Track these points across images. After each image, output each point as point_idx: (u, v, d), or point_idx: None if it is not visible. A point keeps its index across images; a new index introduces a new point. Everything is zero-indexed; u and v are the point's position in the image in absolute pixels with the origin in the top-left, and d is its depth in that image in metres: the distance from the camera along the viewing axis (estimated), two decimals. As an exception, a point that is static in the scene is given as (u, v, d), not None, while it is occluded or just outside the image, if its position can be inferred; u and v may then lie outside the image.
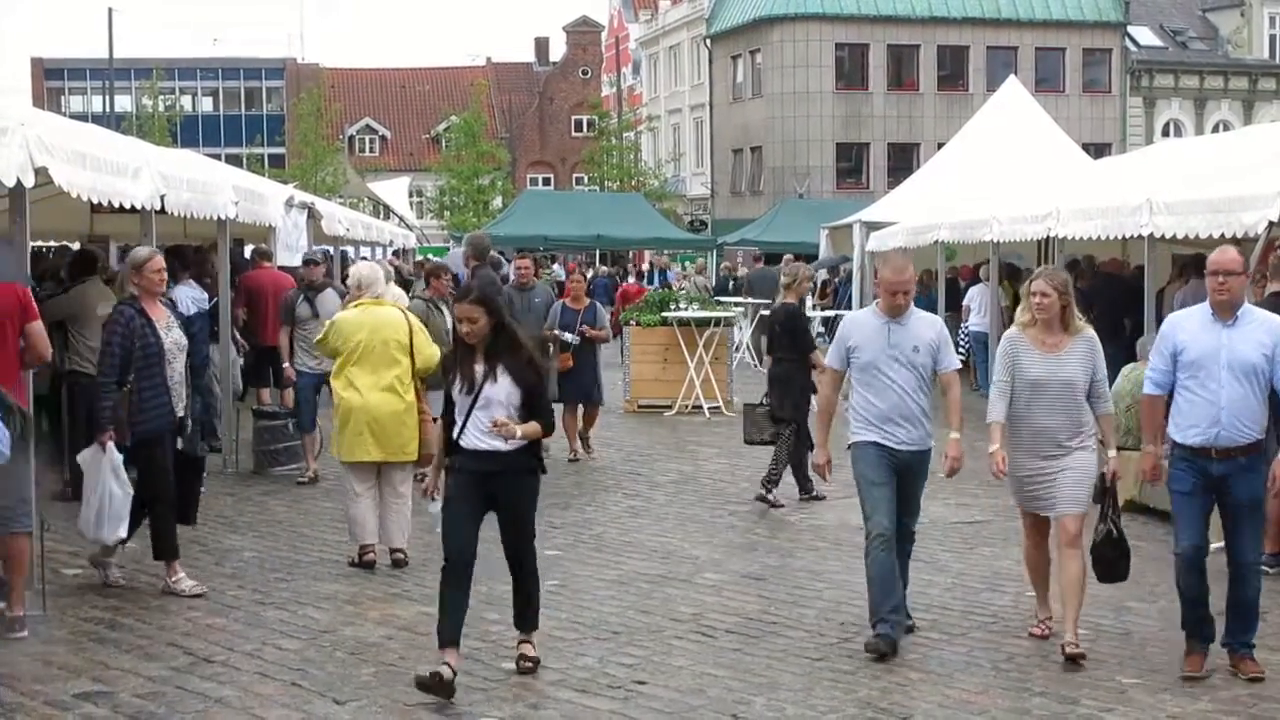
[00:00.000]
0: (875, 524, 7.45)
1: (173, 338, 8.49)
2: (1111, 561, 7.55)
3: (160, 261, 8.62)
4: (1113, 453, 7.45)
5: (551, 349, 13.46)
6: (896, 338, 7.53)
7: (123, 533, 8.34)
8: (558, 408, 12.82)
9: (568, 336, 13.72)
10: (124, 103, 59.73)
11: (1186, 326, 7.10)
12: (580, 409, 14.24)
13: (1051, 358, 7.42)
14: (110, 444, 8.12)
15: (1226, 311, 6.97)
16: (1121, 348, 13.62)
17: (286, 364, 12.54)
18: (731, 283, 32.03)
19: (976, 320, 20.12)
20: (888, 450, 7.50)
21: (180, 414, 8.51)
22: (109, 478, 8.12)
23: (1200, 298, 7.48)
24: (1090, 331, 7.48)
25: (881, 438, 7.50)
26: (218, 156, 24.60)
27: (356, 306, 9.45)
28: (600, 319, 14.37)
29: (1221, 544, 7.27)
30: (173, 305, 8.93)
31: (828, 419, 7.89)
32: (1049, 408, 7.41)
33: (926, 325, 7.62)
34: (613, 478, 13.16)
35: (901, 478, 7.55)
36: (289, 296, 12.88)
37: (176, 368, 8.48)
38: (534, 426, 6.80)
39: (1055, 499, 7.47)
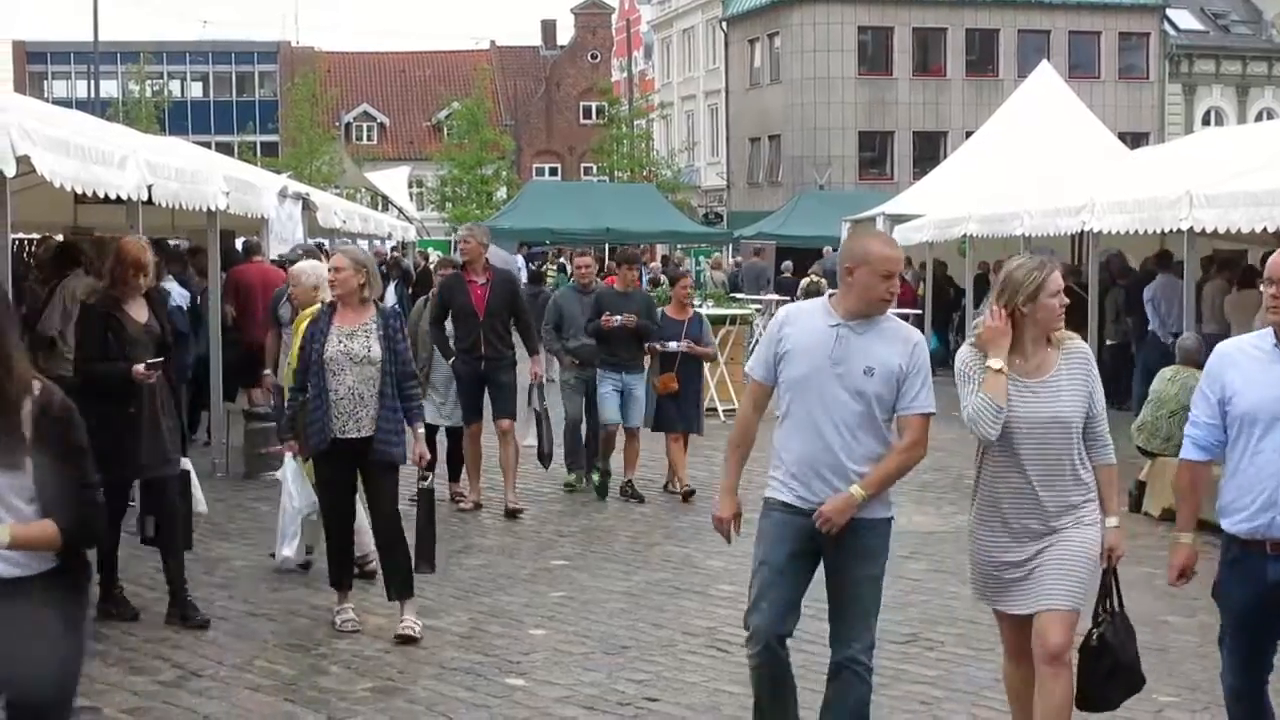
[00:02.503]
0: (753, 624, 5.62)
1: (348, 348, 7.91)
2: (1099, 678, 5.65)
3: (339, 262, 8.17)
4: (1114, 521, 5.53)
5: (649, 364, 12.46)
6: (845, 349, 5.49)
7: (287, 551, 8.73)
8: (654, 435, 12.59)
9: (673, 346, 12.28)
10: (110, 88, 59.89)
11: (1239, 361, 5.32)
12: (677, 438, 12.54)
13: (1031, 388, 5.44)
14: (287, 456, 8.72)
15: None
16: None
17: (268, 370, 11.49)
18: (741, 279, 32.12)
19: (1006, 318, 20.08)
20: (800, 516, 5.56)
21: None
22: (284, 492, 8.74)
23: (1171, 295, 6.85)
24: (1080, 342, 5.62)
25: (795, 497, 5.59)
26: (208, 145, 24.69)
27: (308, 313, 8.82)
28: (707, 334, 12.91)
29: None
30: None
31: (740, 454, 5.78)
32: (1032, 461, 5.42)
33: (896, 341, 5.54)
34: (622, 483, 13.15)
35: (827, 564, 5.64)
36: (275, 295, 12.38)
37: (344, 380, 7.85)
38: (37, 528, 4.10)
39: (1034, 593, 5.49)
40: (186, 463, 8.39)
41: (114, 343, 7.94)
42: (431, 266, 33.69)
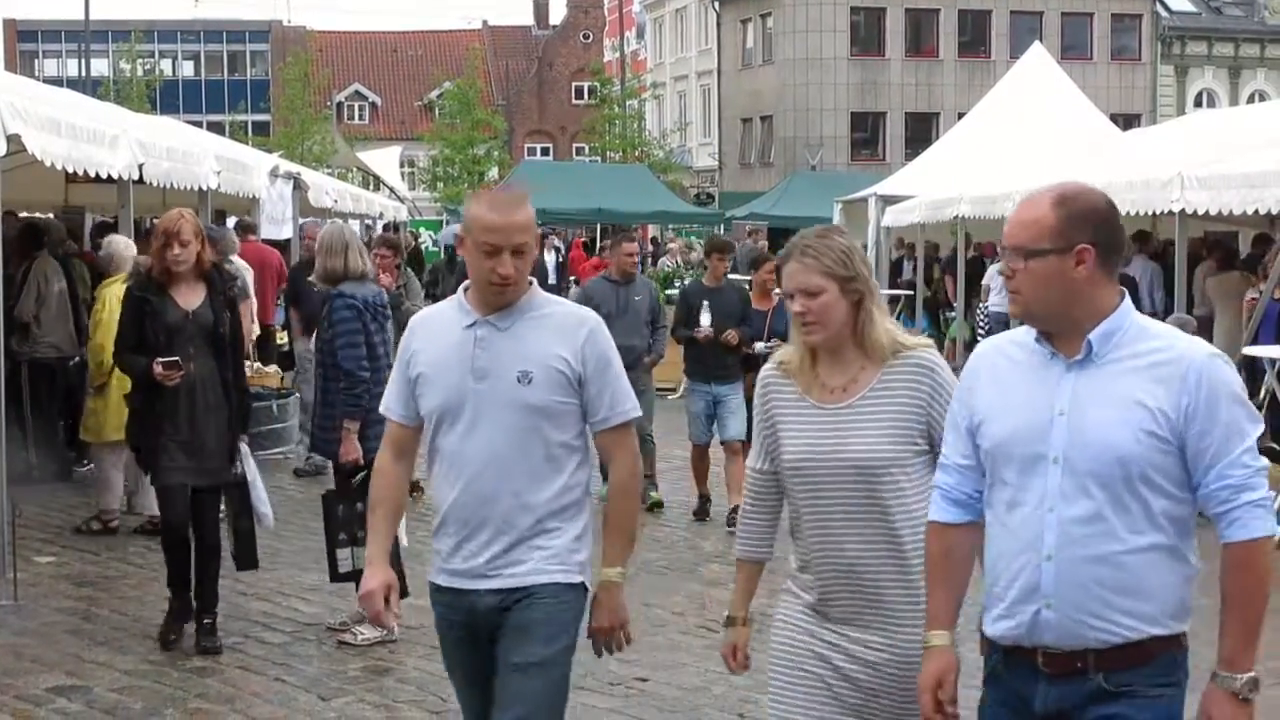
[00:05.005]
0: None
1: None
2: None
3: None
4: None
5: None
6: (490, 354, 4.06)
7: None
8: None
9: (759, 347, 10.43)
10: (100, 67, 59.57)
11: (994, 370, 3.52)
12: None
13: (831, 415, 3.86)
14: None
15: (1059, 335, 3.38)
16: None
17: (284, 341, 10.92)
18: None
19: (996, 300, 20.11)
20: (465, 598, 4.14)
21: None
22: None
23: (1151, 277, 5.73)
24: (924, 353, 3.85)
25: (450, 574, 4.17)
26: (199, 124, 24.63)
27: None
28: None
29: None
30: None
31: (381, 514, 4.25)
32: (841, 520, 3.84)
33: (559, 330, 4.10)
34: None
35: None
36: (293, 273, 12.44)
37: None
38: None
39: None
40: (249, 471, 7.33)
41: (150, 331, 7.04)
42: (423, 246, 33.80)
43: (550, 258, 30.50)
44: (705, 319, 10.48)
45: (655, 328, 11.04)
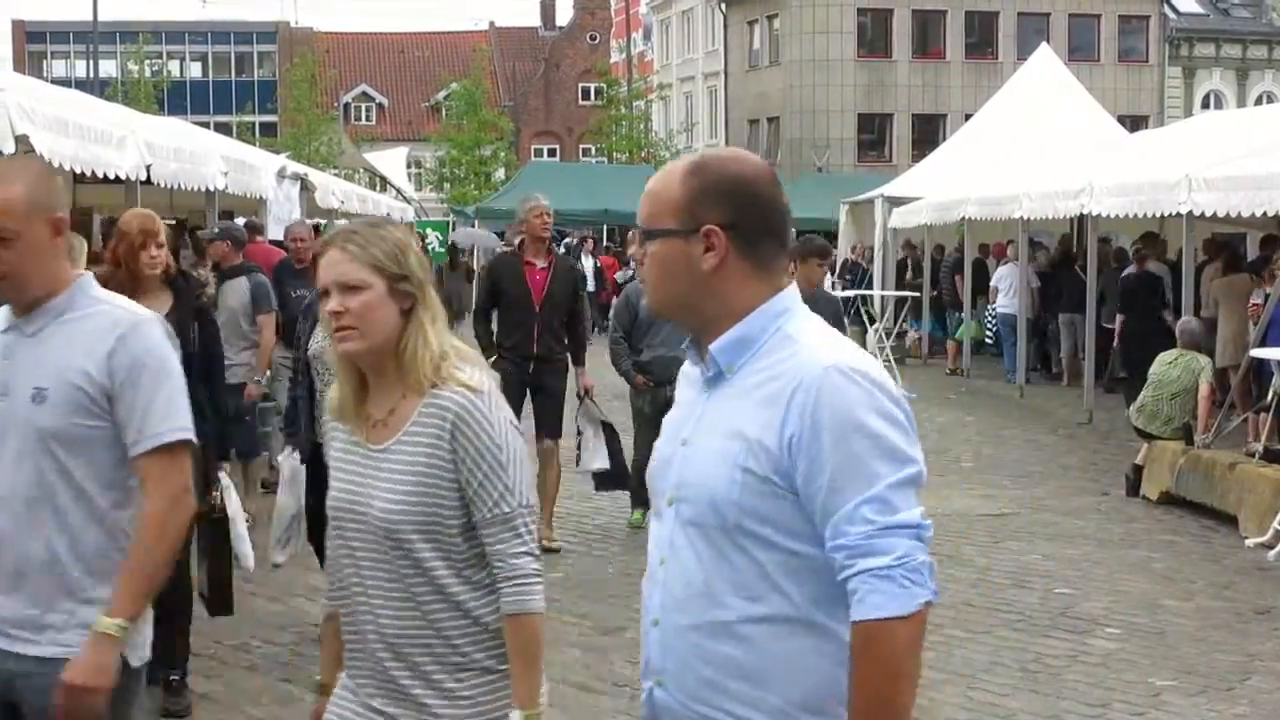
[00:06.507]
0: None
1: None
2: None
3: None
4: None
5: None
6: (12, 367, 3.34)
7: (279, 558, 7.38)
8: None
9: None
10: (109, 68, 59.69)
11: (679, 388, 2.90)
12: None
13: (368, 457, 3.14)
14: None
15: (703, 342, 2.69)
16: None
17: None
18: None
19: (1004, 301, 20.13)
20: None
21: None
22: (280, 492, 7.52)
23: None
24: (454, 394, 3.05)
25: None
26: (206, 125, 24.60)
27: None
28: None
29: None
30: None
31: None
32: (372, 587, 3.11)
33: (95, 340, 3.31)
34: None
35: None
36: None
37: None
38: None
39: None
40: (230, 505, 6.53)
41: None
42: (429, 247, 33.79)
43: (588, 262, 30.27)
44: None
45: None
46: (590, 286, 28.11)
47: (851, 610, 2.42)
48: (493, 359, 9.31)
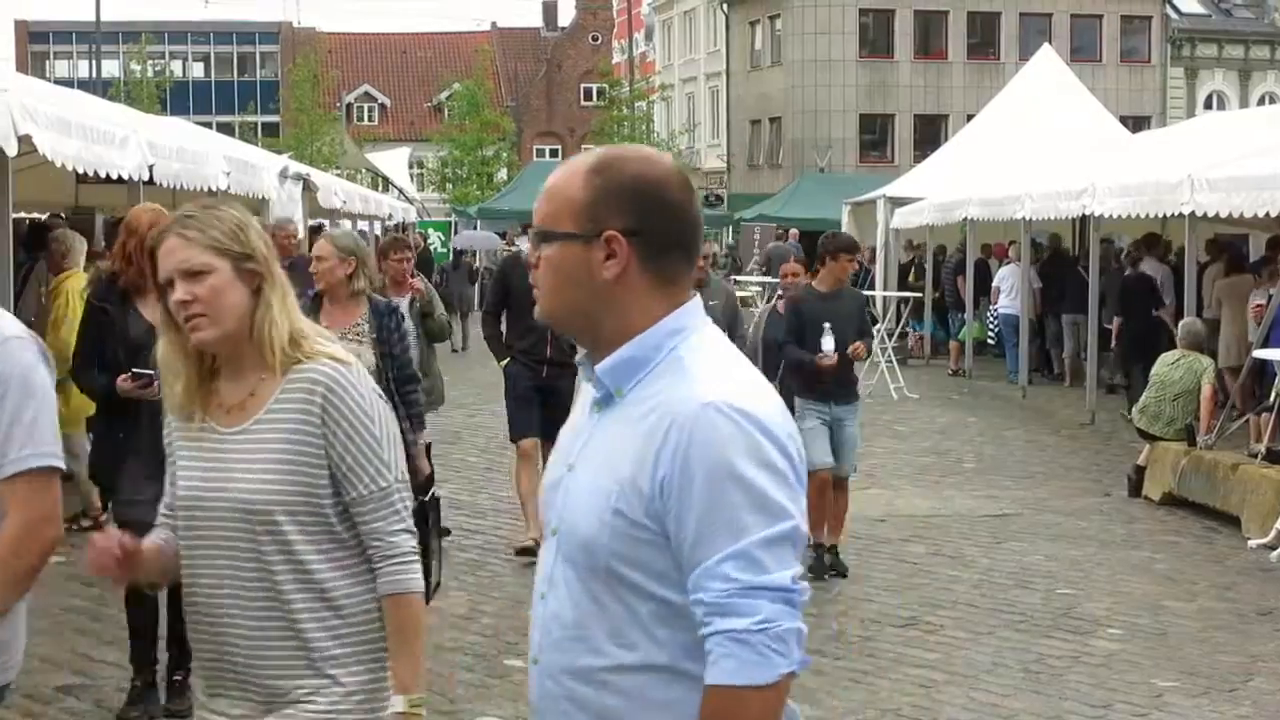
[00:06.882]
0: None
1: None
2: None
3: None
4: (399, 703, 2.95)
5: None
6: None
7: None
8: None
9: (828, 346, 8.65)
10: (111, 68, 59.74)
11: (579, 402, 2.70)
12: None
13: (223, 442, 3.01)
14: None
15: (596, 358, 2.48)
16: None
17: None
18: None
19: (1006, 302, 20.13)
20: None
21: None
22: None
23: (1163, 279, 6.28)
24: (322, 365, 2.97)
25: None
26: (209, 125, 24.59)
27: None
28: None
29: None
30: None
31: None
32: (220, 575, 2.98)
33: None
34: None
35: None
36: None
37: None
38: None
39: None
40: None
41: (109, 346, 6.01)
42: (431, 248, 33.79)
43: None
44: (829, 343, 8.58)
45: (733, 337, 8.70)
46: None
47: (705, 672, 2.22)
48: (505, 361, 9.34)
